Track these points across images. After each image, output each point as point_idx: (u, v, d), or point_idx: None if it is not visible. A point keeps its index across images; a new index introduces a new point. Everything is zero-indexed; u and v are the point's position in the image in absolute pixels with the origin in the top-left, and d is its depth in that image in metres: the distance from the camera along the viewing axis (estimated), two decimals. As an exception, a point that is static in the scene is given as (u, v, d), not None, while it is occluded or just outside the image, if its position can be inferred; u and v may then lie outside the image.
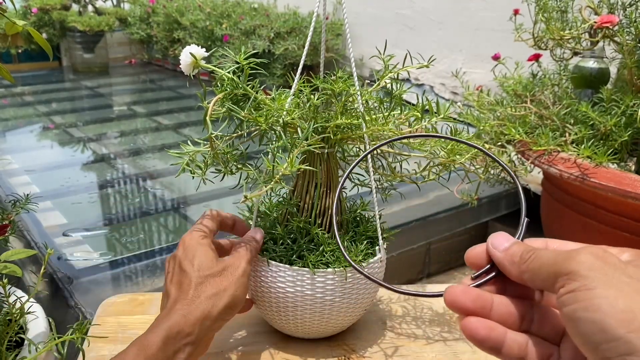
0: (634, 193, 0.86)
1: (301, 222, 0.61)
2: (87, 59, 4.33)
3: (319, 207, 0.61)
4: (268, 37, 2.98)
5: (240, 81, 0.54)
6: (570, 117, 1.03)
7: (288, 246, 0.61)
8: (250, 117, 0.55)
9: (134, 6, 4.32)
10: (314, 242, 0.61)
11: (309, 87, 0.59)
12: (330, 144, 0.60)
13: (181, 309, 0.50)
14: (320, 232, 0.60)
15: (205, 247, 0.56)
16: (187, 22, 3.51)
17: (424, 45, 2.44)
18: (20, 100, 3.41)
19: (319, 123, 0.57)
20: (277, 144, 0.54)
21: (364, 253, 0.61)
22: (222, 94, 0.54)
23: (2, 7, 0.52)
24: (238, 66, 0.54)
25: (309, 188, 0.61)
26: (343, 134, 0.59)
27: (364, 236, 0.63)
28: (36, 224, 1.51)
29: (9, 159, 2.19)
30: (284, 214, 0.63)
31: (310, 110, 0.58)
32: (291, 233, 0.62)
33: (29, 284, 1.04)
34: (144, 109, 3.25)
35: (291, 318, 0.61)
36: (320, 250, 0.60)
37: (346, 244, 0.61)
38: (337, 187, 0.61)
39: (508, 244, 0.33)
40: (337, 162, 0.62)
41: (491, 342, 0.31)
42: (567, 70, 1.12)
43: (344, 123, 0.58)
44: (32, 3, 4.17)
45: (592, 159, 0.93)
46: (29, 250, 0.65)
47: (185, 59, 0.54)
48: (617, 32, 0.96)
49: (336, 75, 0.58)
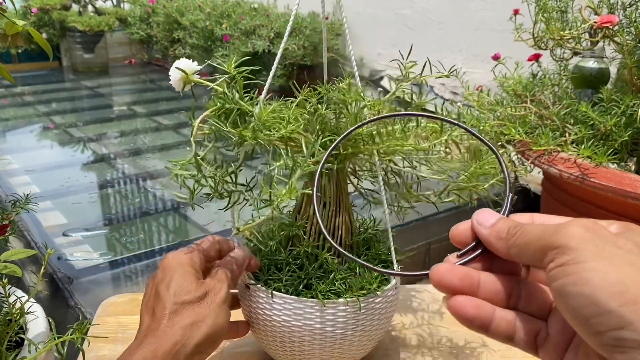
0: (634, 193, 0.86)
1: (308, 246, 0.55)
2: (87, 59, 4.33)
3: (328, 228, 0.56)
4: (268, 37, 2.98)
5: (232, 93, 0.49)
6: (570, 117, 1.03)
7: (294, 274, 0.54)
8: (236, 133, 0.49)
9: (134, 6, 4.32)
10: (323, 268, 0.55)
11: (314, 95, 0.54)
12: (339, 159, 0.54)
13: (150, 344, 0.44)
14: (329, 257, 0.54)
15: (185, 267, 0.50)
16: (187, 22, 3.51)
17: (424, 45, 2.44)
18: (20, 100, 3.41)
19: (327, 136, 0.51)
20: (277, 163, 0.48)
21: (377, 280, 0.55)
22: (210, 110, 0.50)
23: (2, 7, 0.52)
24: (230, 76, 0.50)
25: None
26: (355, 148, 0.53)
27: (377, 260, 0.58)
28: (36, 224, 1.51)
29: (9, 159, 2.19)
30: (289, 237, 0.57)
31: (317, 122, 0.52)
32: (297, 258, 0.55)
33: (29, 284, 1.04)
34: (144, 109, 3.25)
35: (297, 353, 0.55)
36: (330, 278, 0.54)
37: (358, 270, 0.56)
38: (347, 206, 0.56)
39: (494, 219, 0.32)
40: (346, 178, 0.57)
41: (480, 320, 0.31)
42: (567, 70, 1.12)
43: (358, 136, 0.52)
44: (32, 3, 4.17)
45: (592, 159, 0.93)
46: (29, 250, 0.65)
47: (175, 75, 0.50)
48: (617, 32, 0.96)
49: (346, 82, 0.53)
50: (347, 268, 0.56)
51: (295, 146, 0.52)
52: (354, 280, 0.54)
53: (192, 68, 0.50)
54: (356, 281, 0.54)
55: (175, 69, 0.49)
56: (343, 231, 0.56)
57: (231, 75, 0.49)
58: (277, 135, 0.49)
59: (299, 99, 0.54)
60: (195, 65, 0.50)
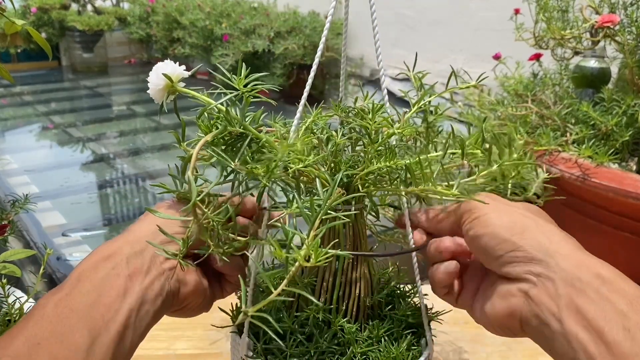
0: (635, 193, 0.86)
1: (319, 310, 0.43)
2: (86, 59, 4.33)
3: (343, 286, 0.44)
4: (268, 37, 2.98)
5: (237, 116, 0.39)
6: (571, 117, 1.03)
7: (301, 347, 0.42)
8: (244, 169, 0.39)
9: (133, 5, 4.32)
10: (337, 337, 0.43)
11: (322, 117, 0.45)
12: (357, 199, 0.44)
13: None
14: (345, 323, 0.43)
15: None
16: (186, 21, 3.51)
17: (424, 45, 2.44)
18: (20, 100, 3.41)
19: (345, 169, 0.42)
20: (289, 209, 0.39)
21: (408, 354, 0.44)
22: (211, 134, 0.39)
23: (2, 7, 0.52)
24: (236, 94, 0.38)
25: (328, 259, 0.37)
26: (376, 185, 0.44)
27: (405, 324, 0.47)
28: (35, 224, 1.51)
29: (8, 159, 2.19)
30: (294, 297, 0.45)
31: (333, 154, 0.43)
32: (304, 325, 0.44)
33: (28, 284, 1.03)
34: (144, 108, 3.25)
35: None
36: (348, 353, 0.42)
37: (383, 340, 0.44)
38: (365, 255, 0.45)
39: (423, 215, 0.45)
40: (364, 221, 0.46)
41: (439, 257, 0.43)
42: (568, 70, 1.11)
43: (383, 168, 0.42)
44: (31, 2, 4.16)
45: (593, 158, 0.93)
46: (28, 250, 0.64)
47: (157, 82, 0.38)
48: (618, 31, 0.96)
49: (368, 104, 0.45)
50: (367, 337, 0.44)
51: (307, 182, 0.43)
52: (379, 356, 0.43)
53: (179, 74, 0.39)
54: (381, 356, 0.43)
55: (157, 74, 0.38)
56: (362, 287, 0.45)
57: (239, 95, 0.39)
58: (290, 171, 0.40)
59: (309, 122, 0.45)
60: (183, 70, 0.39)
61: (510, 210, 0.40)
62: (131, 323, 0.37)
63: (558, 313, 0.33)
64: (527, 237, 0.37)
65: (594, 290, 0.33)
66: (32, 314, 0.36)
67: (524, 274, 0.36)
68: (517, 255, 0.37)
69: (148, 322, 0.38)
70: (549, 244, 0.36)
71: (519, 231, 0.37)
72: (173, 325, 0.70)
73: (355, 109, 0.46)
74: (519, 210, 0.40)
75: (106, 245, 0.40)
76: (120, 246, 0.40)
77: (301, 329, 0.43)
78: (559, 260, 0.35)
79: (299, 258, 0.34)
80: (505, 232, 0.37)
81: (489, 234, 0.38)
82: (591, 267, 0.34)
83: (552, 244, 0.36)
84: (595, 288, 0.33)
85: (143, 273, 0.39)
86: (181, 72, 0.39)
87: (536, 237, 0.37)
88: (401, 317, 0.47)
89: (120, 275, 0.38)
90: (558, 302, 0.34)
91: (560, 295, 0.34)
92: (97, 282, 0.37)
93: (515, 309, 0.36)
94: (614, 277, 0.34)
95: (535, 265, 0.35)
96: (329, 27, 0.44)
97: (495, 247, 0.37)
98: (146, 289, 0.38)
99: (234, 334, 0.46)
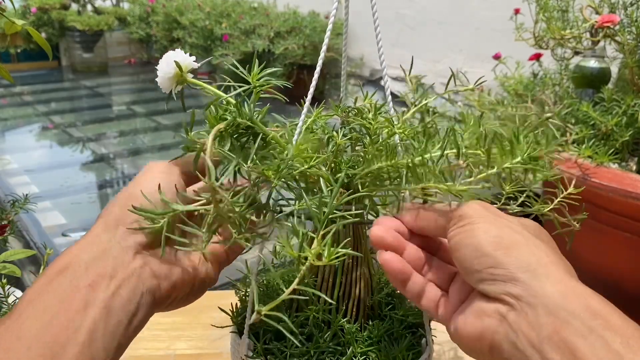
0: (635, 193, 0.86)
1: (319, 310, 0.43)
2: (86, 59, 4.33)
3: (343, 286, 0.45)
4: (268, 37, 2.98)
5: (247, 110, 0.38)
6: (571, 117, 1.03)
7: (301, 348, 0.42)
8: (255, 170, 0.38)
9: (133, 5, 4.32)
10: (337, 337, 0.44)
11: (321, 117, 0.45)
12: (357, 200, 0.44)
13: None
14: (345, 324, 0.44)
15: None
16: (186, 21, 3.51)
17: (424, 45, 2.44)
18: (19, 100, 3.41)
19: (345, 170, 0.42)
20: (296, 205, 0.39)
21: (409, 353, 0.44)
22: (224, 122, 0.38)
23: (2, 7, 0.52)
24: (247, 88, 0.39)
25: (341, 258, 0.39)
26: (376, 185, 0.43)
27: (404, 324, 0.47)
28: (35, 224, 1.51)
29: (8, 159, 2.19)
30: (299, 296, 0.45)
31: (334, 154, 0.43)
32: (304, 325, 0.44)
33: (28, 285, 1.03)
34: (144, 108, 3.25)
35: None
36: (348, 354, 0.43)
37: (383, 341, 0.45)
38: (366, 255, 0.46)
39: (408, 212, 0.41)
40: (364, 221, 0.46)
41: (401, 275, 0.38)
42: (568, 70, 1.11)
43: (386, 167, 0.41)
44: (31, 2, 4.17)
45: (593, 158, 0.93)
46: (28, 250, 0.64)
47: (167, 70, 0.39)
48: (618, 31, 0.96)
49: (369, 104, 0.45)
50: (367, 337, 0.45)
51: (312, 183, 0.42)
52: (379, 356, 0.43)
53: (189, 64, 0.39)
54: (381, 356, 0.43)
55: (168, 62, 0.38)
56: (362, 287, 0.46)
57: (251, 88, 0.39)
58: (296, 172, 0.40)
59: (310, 120, 0.44)
60: (193, 61, 0.40)
61: (501, 223, 0.35)
62: (97, 338, 0.32)
63: (538, 344, 0.30)
64: (512, 254, 0.33)
65: (582, 323, 0.29)
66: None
67: (501, 294, 0.32)
68: (496, 273, 0.33)
69: (123, 333, 0.34)
70: (536, 266, 0.32)
71: (505, 247, 0.33)
72: (173, 325, 0.70)
73: (355, 109, 0.46)
74: (511, 224, 0.36)
75: (61, 256, 0.35)
76: (76, 254, 0.35)
77: (301, 329, 0.44)
78: (544, 285, 0.31)
79: (310, 257, 0.33)
80: (489, 246, 0.34)
81: (471, 245, 0.34)
82: (580, 297, 0.31)
83: (541, 266, 0.32)
84: (585, 321, 0.29)
85: (107, 278, 0.34)
86: (191, 63, 0.39)
87: (523, 256, 0.33)
88: (401, 317, 0.47)
89: (79, 287, 0.33)
90: (538, 332, 0.30)
91: (542, 324, 0.30)
92: (51, 301, 0.32)
93: (487, 331, 0.33)
94: (607, 311, 0.30)
95: (514, 287, 0.32)
96: (331, 28, 0.44)
97: (474, 261, 0.34)
98: (112, 296, 0.33)
99: (234, 334, 0.46)
